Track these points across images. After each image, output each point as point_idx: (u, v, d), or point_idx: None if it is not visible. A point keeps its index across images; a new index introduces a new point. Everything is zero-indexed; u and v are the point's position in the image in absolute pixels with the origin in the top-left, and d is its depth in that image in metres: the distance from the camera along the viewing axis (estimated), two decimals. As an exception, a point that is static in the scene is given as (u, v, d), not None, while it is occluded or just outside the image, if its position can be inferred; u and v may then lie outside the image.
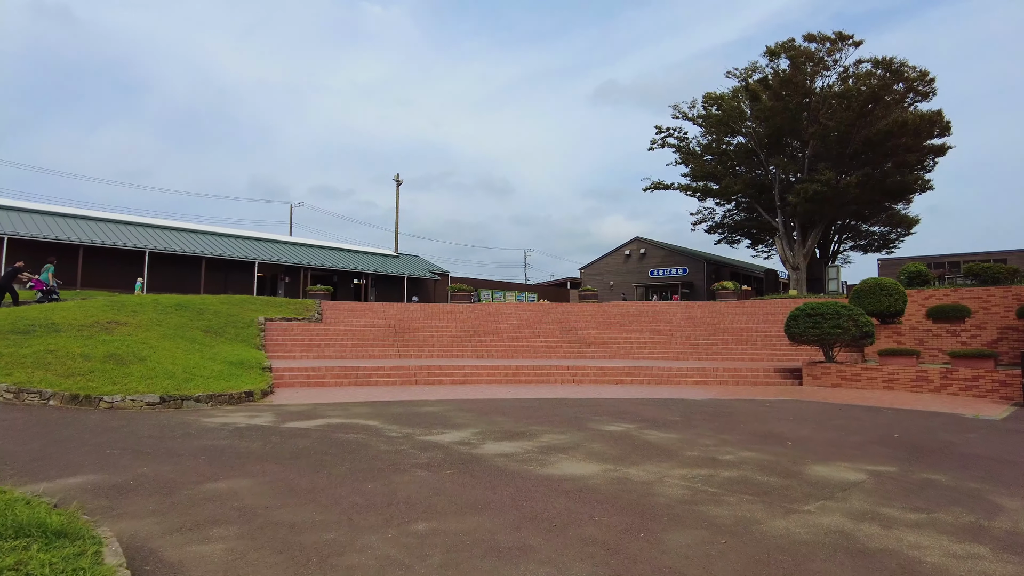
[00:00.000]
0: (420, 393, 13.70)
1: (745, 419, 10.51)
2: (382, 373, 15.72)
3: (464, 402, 12.18)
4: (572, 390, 14.81)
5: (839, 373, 16.31)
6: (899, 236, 46.02)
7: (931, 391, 14.95)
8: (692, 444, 8.13)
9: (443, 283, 44.34)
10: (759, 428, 9.58)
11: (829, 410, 11.93)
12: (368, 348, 19.60)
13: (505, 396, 13.36)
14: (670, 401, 12.95)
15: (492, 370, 16.51)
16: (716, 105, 39.97)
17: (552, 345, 21.28)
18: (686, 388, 15.73)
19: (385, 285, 43.33)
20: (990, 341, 18.67)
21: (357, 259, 42.80)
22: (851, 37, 33.64)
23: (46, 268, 21.41)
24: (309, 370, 15.38)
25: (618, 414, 10.82)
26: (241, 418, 9.68)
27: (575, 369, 17.06)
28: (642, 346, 21.61)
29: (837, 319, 16.32)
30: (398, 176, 53.78)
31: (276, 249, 39.19)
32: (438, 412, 10.65)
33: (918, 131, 32.86)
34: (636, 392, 14.59)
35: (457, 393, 13.76)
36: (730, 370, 17.40)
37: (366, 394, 13.33)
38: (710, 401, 13.09)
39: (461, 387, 15.06)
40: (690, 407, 12.00)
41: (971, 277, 24.83)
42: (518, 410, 11.07)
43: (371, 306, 25.35)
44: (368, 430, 8.71)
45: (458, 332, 21.82)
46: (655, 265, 54.02)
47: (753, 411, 11.59)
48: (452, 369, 16.28)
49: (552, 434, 8.62)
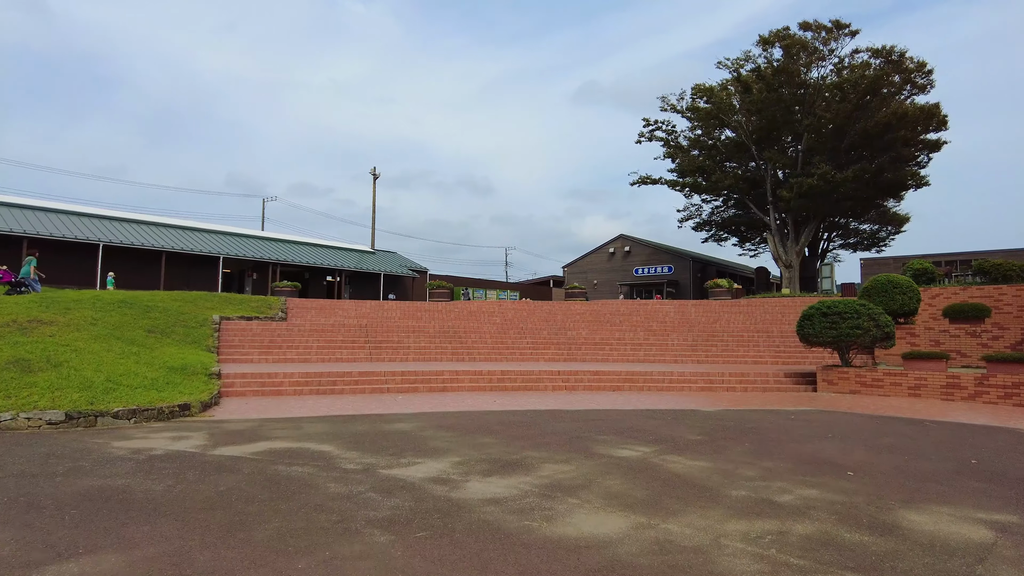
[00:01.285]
0: (392, 404, 11.81)
1: (777, 437, 8.82)
2: (349, 380, 13.81)
3: (443, 416, 10.33)
4: (566, 399, 13.04)
5: (858, 378, 14.74)
6: (889, 234, 44.98)
7: (964, 399, 13.42)
8: (732, 477, 6.39)
9: (422, 281, 42.36)
10: (800, 450, 7.88)
11: (865, 424, 10.29)
12: (336, 350, 17.65)
13: (490, 407, 11.53)
14: (680, 413, 11.23)
15: (475, 376, 14.68)
16: (705, 97, 38.50)
17: (540, 347, 19.50)
18: (692, 396, 14.05)
19: (360, 283, 41.23)
20: (1014, 343, 17.27)
21: (330, 255, 40.65)
22: (848, 26, 32.36)
23: (28, 260, 19.34)
24: (265, 376, 13.43)
25: (626, 431, 9.06)
26: (162, 441, 7.74)
27: (567, 374, 15.30)
28: (637, 348, 19.92)
29: (856, 319, 14.75)
30: (375, 169, 51.72)
31: (243, 244, 36.92)
32: (411, 431, 8.80)
33: (917, 124, 31.66)
34: (638, 401, 12.86)
35: (435, 404, 11.90)
36: (737, 375, 15.77)
37: (328, 406, 11.42)
38: (726, 413, 11.39)
39: (439, 396, 13.20)
40: (707, 421, 10.29)
41: (980, 275, 23.54)
42: (507, 426, 9.26)
43: (342, 304, 23.37)
44: (319, 460, 6.84)
45: (437, 333, 19.95)
46: (640, 263, 52.55)
47: (780, 425, 9.92)
48: (430, 375, 14.42)
49: (553, 463, 6.82)
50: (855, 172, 31.83)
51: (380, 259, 43.88)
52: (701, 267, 51.91)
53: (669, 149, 41.51)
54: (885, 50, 31.18)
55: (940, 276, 25.09)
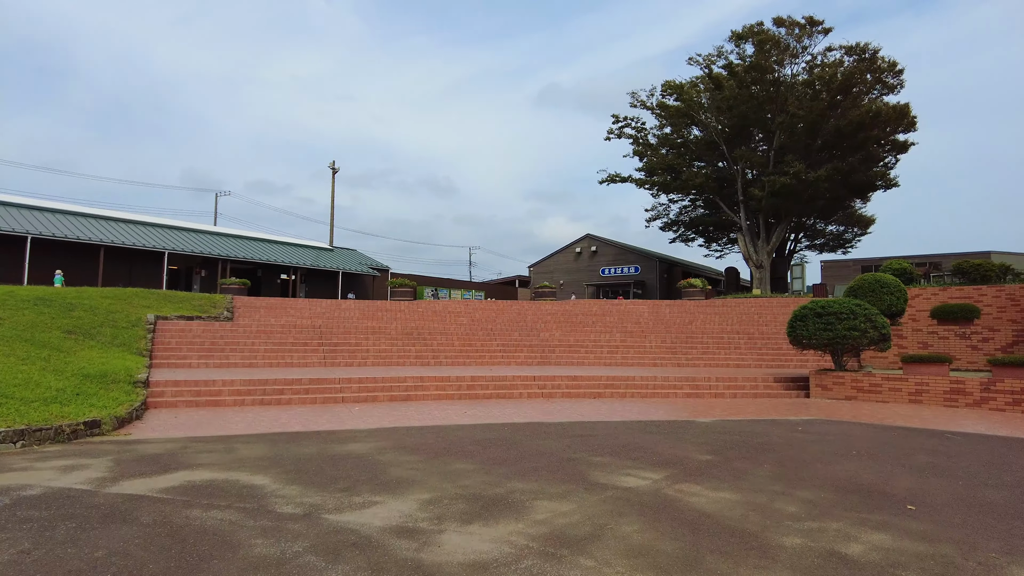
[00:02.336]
0: (347, 417, 10.25)
1: (795, 455, 7.60)
2: (299, 387, 12.18)
3: (406, 433, 8.84)
4: (545, 408, 11.66)
5: (855, 383, 13.76)
6: (855, 236, 44.92)
7: (969, 406, 12.52)
8: (772, 516, 5.10)
9: (383, 280, 40.51)
10: (832, 474, 6.66)
11: (882, 437, 9.18)
12: (286, 354, 15.94)
13: (461, 420, 10.08)
14: (675, 425, 9.97)
15: (442, 382, 13.20)
16: (675, 95, 37.65)
17: (511, 349, 18.10)
18: (679, 403, 12.84)
19: (317, 281, 39.21)
20: (1005, 345, 16.59)
21: (285, 252, 38.51)
22: (821, 23, 31.84)
23: None
24: (202, 384, 11.72)
25: (623, 450, 7.73)
26: (48, 473, 6.09)
27: (543, 380, 13.94)
28: (614, 350, 18.69)
29: (852, 319, 13.77)
30: (334, 163, 49.59)
31: (191, 239, 34.58)
32: (368, 453, 7.30)
33: (889, 123, 31.31)
34: (624, 410, 11.57)
35: (397, 417, 10.39)
36: (724, 379, 14.66)
37: (271, 420, 9.80)
38: (724, 424, 10.18)
39: (402, 407, 11.67)
40: (708, 435, 9.04)
41: (959, 275, 23.07)
42: (484, 446, 7.83)
43: (295, 303, 21.58)
44: (248, 500, 5.31)
45: (399, 334, 18.38)
46: (607, 263, 51.65)
47: (790, 440, 8.73)
48: (391, 382, 12.88)
49: (548, 500, 5.43)
50: (828, 171, 31.33)
51: (338, 256, 41.91)
52: (668, 268, 51.32)
53: (638, 147, 40.57)
54: (859, 47, 30.76)
55: (918, 276, 24.60)
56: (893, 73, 31.92)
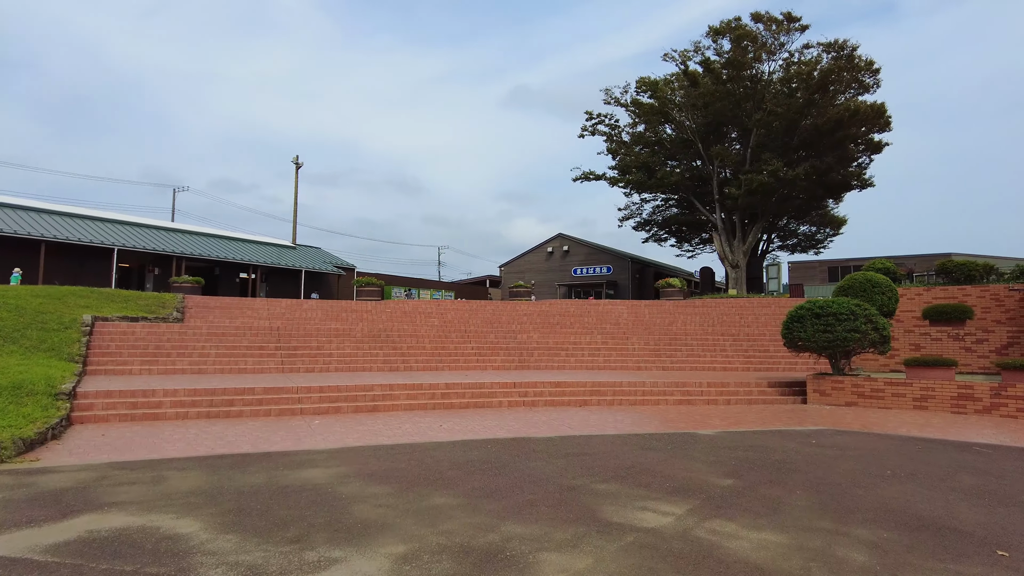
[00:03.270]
0: (304, 434, 8.94)
1: (825, 476, 6.60)
2: (252, 398, 10.81)
3: (374, 453, 7.59)
4: (529, 419, 10.51)
5: (855, 388, 12.92)
6: (826, 237, 44.83)
7: (978, 412, 11.75)
8: (842, 571, 4.03)
9: (348, 279, 38.87)
10: (880, 501, 5.66)
11: (907, 450, 8.26)
12: (239, 359, 14.49)
13: (437, 436, 8.86)
14: (677, 439, 8.92)
15: (413, 390, 11.94)
16: (649, 92, 36.87)
17: (486, 353, 16.91)
18: (673, 411, 11.82)
19: (279, 280, 37.44)
20: (1000, 346, 16.01)
21: (245, 249, 36.66)
22: (799, 19, 31.37)
23: None
24: (140, 395, 10.29)
25: (628, 473, 6.62)
26: (-93, 521, 4.71)
27: (524, 387, 12.79)
28: (595, 353, 17.64)
29: (853, 320, 12.93)
30: (297, 158, 47.74)
31: (143, 235, 32.56)
32: (327, 484, 6.05)
33: (867, 121, 30.97)
34: (616, 421, 10.48)
35: (362, 433, 9.12)
36: (715, 384, 13.72)
37: (215, 438, 8.45)
38: (730, 438, 9.16)
39: (369, 419, 10.39)
40: (717, 451, 8.00)
41: (943, 275, 22.66)
42: (466, 471, 6.64)
43: (252, 303, 20.04)
44: (163, 560, 4.04)
45: (366, 336, 17.04)
46: (579, 263, 50.82)
47: (813, 457, 7.73)
48: (356, 390, 11.58)
49: (556, 552, 4.28)
50: (806, 169, 30.87)
51: (302, 254, 40.16)
52: (640, 268, 50.76)
53: (612, 144, 39.74)
54: (837, 44, 30.34)
55: (901, 276, 24.16)
56: (870, 72, 31.62)
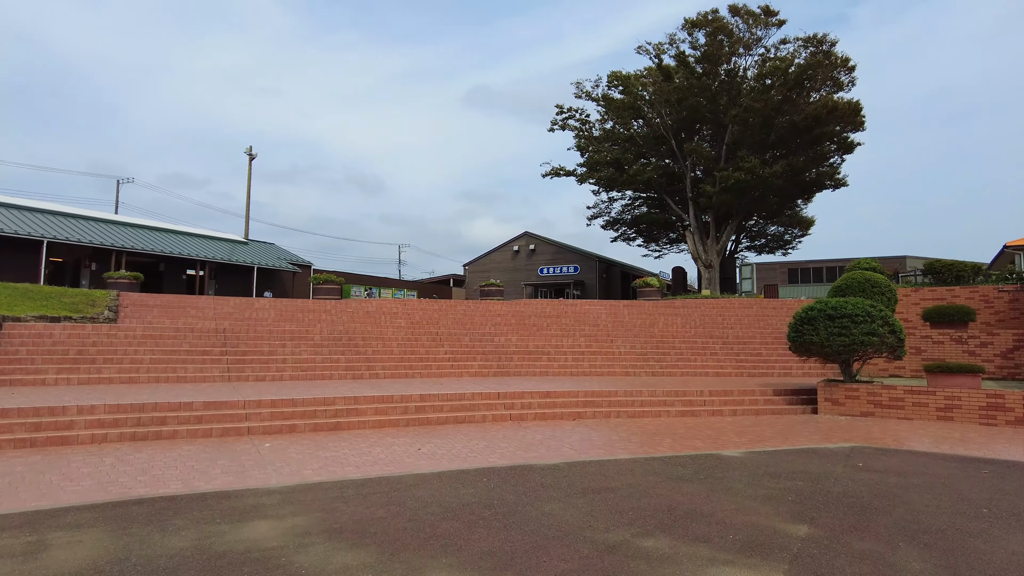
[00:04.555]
0: (251, 462, 7.21)
1: (914, 517, 5.26)
2: (190, 415, 9.00)
3: (340, 494, 5.94)
4: (521, 438, 8.96)
5: (871, 397, 11.78)
6: (795, 237, 44.51)
7: (1010, 424, 10.71)
8: None
9: (304, 277, 36.65)
10: (1017, 558, 4.31)
11: (976, 476, 7.02)
12: (179, 366, 12.57)
13: (418, 464, 7.24)
14: (703, 463, 7.51)
15: (382, 403, 10.27)
16: (621, 87, 35.73)
17: (461, 358, 15.29)
18: (679, 424, 10.44)
19: (230, 277, 35.02)
20: (1005, 350, 15.17)
21: (193, 244, 34.15)
22: (776, 13, 30.61)
23: None
24: (47, 413, 8.38)
25: (671, 518, 5.16)
26: None
27: (509, 398, 11.24)
28: (579, 358, 16.21)
29: (870, 323, 11.78)
30: (251, 149, 45.13)
31: (79, 227, 29.84)
32: (279, 549, 4.39)
33: (845, 119, 30.39)
34: (622, 440, 9.03)
35: (325, 460, 7.43)
36: (717, 393, 12.43)
37: (137, 471, 6.67)
38: (762, 460, 7.79)
39: (331, 440, 8.69)
40: (761, 481, 6.61)
41: (930, 275, 22.01)
42: (466, 523, 5.07)
43: (197, 301, 17.98)
44: None
45: (326, 339, 15.24)
46: (545, 263, 49.53)
47: (877, 488, 6.40)
48: (315, 404, 9.86)
49: None
50: (783, 167, 30.12)
51: (255, 250, 37.75)
52: (606, 267, 49.82)
53: (581, 140, 38.49)
54: (816, 38, 29.65)
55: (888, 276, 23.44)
56: (846, 69, 31.09)
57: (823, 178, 34.12)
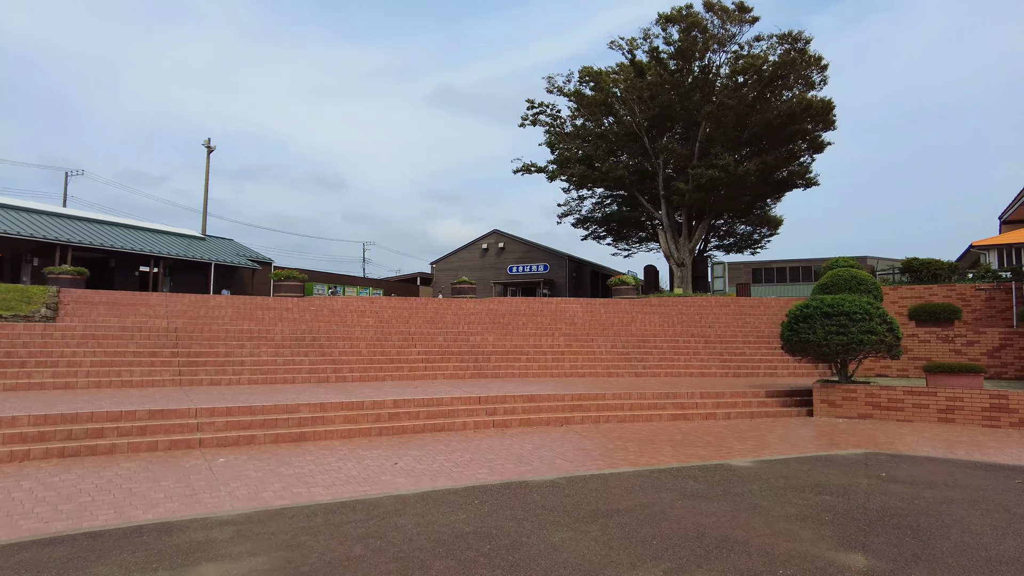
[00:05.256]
0: (201, 484, 6.18)
1: (970, 540, 4.58)
2: (132, 425, 7.90)
3: (307, 523, 4.98)
4: (509, 448, 8.09)
5: (869, 399, 11.25)
6: (763, 236, 44.56)
7: (1014, 425, 10.26)
8: None
9: (265, 274, 35.11)
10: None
11: (1009, 484, 6.42)
12: (125, 369, 11.36)
13: (396, 483, 6.32)
14: (713, 474, 6.77)
15: (352, 409, 9.30)
16: (593, 82, 35.08)
17: (435, 359, 14.35)
18: (674, 428, 9.71)
19: (186, 274, 33.35)
20: (992, 348, 14.89)
21: (147, 239, 32.36)
22: (751, 10, 30.34)
23: None
24: (-41, 424, 7.19)
25: (705, 549, 4.36)
26: None
27: (490, 401, 10.36)
28: (560, 358, 15.41)
29: (868, 321, 11.25)
30: (209, 141, 43.21)
31: (20, 219, 27.90)
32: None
33: (818, 116, 30.27)
34: (618, 448, 8.24)
35: (287, 479, 6.44)
36: (708, 395, 11.78)
37: (61, 497, 5.60)
38: (775, 470, 7.08)
39: (294, 454, 7.69)
40: (783, 495, 5.88)
41: (907, 274, 21.85)
42: (463, 562, 4.17)
43: (148, 298, 16.63)
44: None
45: (288, 339, 14.14)
46: (515, 261, 48.74)
47: (914, 503, 5.73)
48: (276, 411, 8.83)
49: None
50: (758, 165, 29.85)
51: (212, 246, 36.06)
52: (577, 266, 49.30)
53: (552, 137, 37.77)
54: (791, 35, 29.47)
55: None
56: (818, 68, 31.02)
57: (795, 177, 34.05)
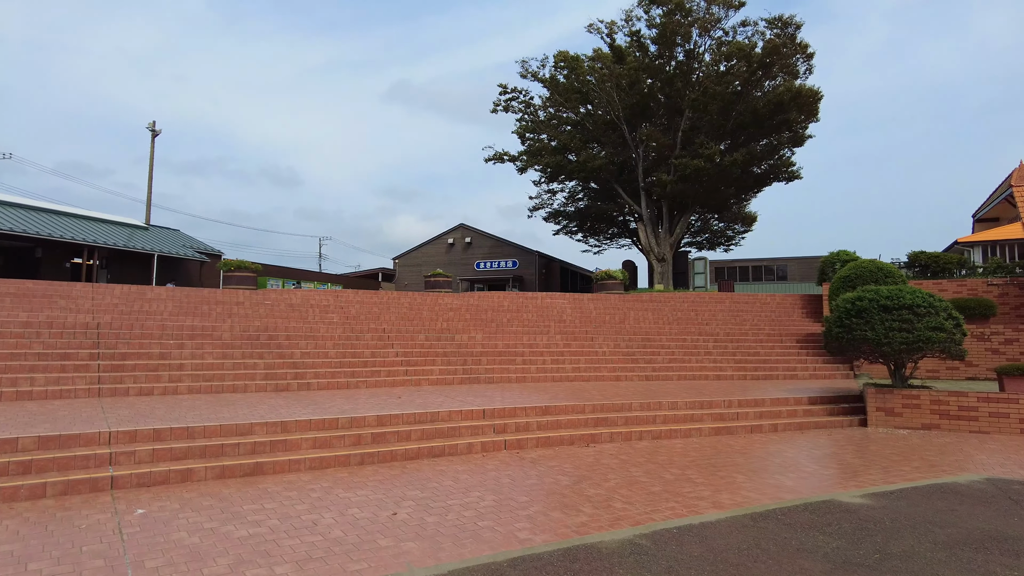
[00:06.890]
0: (100, 563, 3.96)
1: None
2: (14, 461, 5.58)
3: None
4: (541, 482, 6.07)
5: (936, 406, 9.61)
6: (738, 233, 43.51)
7: (1112, 439, 8.74)
8: None
9: (213, 266, 32.17)
10: None
11: None
12: (24, 376, 8.89)
13: (405, 555, 4.21)
14: (822, 516, 4.90)
15: (323, 429, 7.13)
16: (570, 69, 33.20)
17: (417, 361, 12.18)
18: (723, 446, 7.85)
19: (126, 266, 30.18)
20: (1033, 348, 13.56)
21: (80, 226, 29.13)
22: (737, -7, 28.94)
23: None
24: None
25: None
26: None
27: (495, 415, 8.31)
28: (559, 360, 13.44)
29: (935, 315, 9.61)
30: (154, 124, 39.87)
31: (-73, 203, 24.55)
32: None
33: (806, 105, 29.03)
34: (680, 480, 6.31)
35: (236, 551, 4.24)
36: (747, 402, 10.00)
37: None
38: (900, 511, 5.25)
39: (248, 498, 5.48)
40: (957, 557, 4.03)
41: (915, 268, 20.65)
42: None
43: (70, 289, 13.99)
44: None
45: (238, 338, 11.79)
46: (482, 257, 46.64)
47: None
48: (222, 434, 6.60)
49: None
50: (744, 155, 28.47)
51: (156, 236, 32.91)
52: (546, 263, 47.56)
53: (527, 123, 35.79)
54: (781, 20, 28.18)
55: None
56: (805, 56, 29.83)
57: (777, 170, 32.87)
